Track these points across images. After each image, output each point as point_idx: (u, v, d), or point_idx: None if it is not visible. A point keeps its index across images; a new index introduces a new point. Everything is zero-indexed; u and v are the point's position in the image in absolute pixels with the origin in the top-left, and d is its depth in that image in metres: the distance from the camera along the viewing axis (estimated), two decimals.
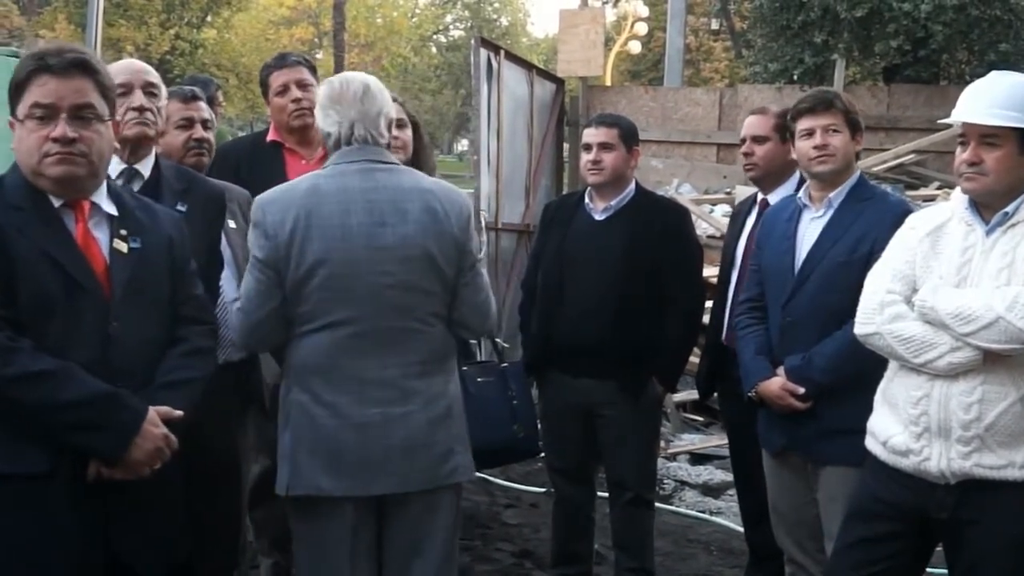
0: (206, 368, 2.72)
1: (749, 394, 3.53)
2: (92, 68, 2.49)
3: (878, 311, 2.83)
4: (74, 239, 2.45)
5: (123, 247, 2.51)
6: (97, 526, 2.43)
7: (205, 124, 3.64)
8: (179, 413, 2.53)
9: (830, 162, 3.44)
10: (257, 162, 4.15)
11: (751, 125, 4.10)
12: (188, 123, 3.58)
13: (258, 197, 2.94)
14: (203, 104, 3.65)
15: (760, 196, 4.10)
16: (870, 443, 2.93)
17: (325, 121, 2.95)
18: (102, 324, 2.44)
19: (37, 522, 2.34)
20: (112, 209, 2.56)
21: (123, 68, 3.20)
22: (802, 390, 3.34)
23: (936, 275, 2.77)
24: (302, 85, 4.20)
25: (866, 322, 2.86)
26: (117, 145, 2.89)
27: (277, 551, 4.21)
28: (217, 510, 3.33)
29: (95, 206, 2.53)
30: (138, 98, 3.13)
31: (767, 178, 4.06)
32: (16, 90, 2.43)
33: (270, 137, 4.31)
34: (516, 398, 4.03)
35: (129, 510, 2.48)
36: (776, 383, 3.41)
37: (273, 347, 2.94)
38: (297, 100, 4.17)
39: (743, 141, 4.13)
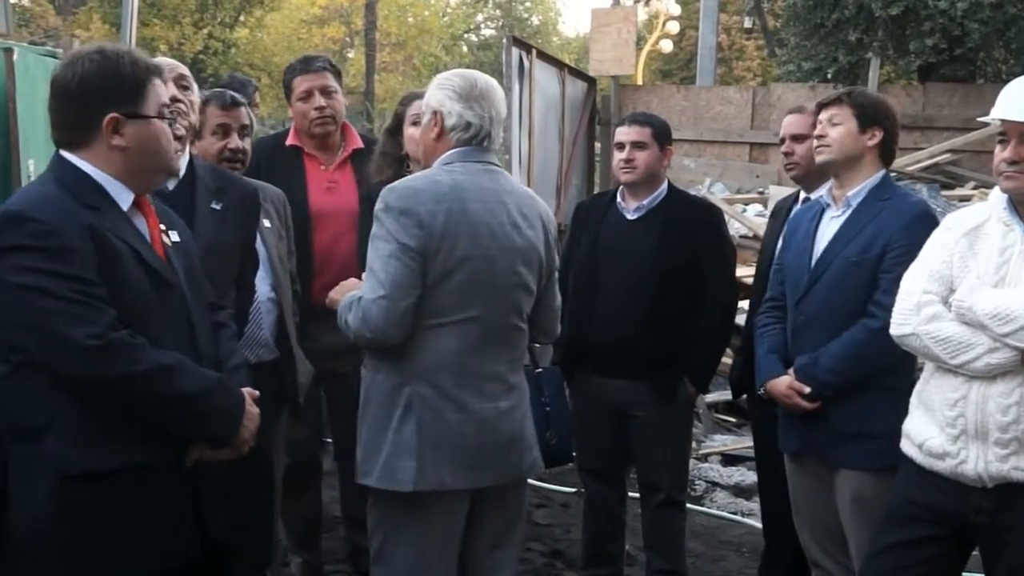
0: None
1: (759, 392, 3.54)
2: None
3: (914, 312, 2.79)
4: (146, 235, 2.50)
5: (168, 240, 2.58)
6: (193, 510, 2.51)
7: (243, 131, 3.55)
8: (257, 392, 2.67)
9: (824, 152, 3.42)
10: (276, 165, 4.07)
11: (790, 124, 4.05)
12: (224, 131, 3.50)
13: (395, 186, 2.89)
14: (243, 111, 3.56)
15: (803, 195, 4.05)
16: (905, 445, 2.89)
17: (467, 112, 2.94)
18: (187, 315, 2.53)
19: (144, 513, 2.39)
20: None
21: None
22: (807, 389, 3.33)
23: (974, 275, 2.73)
24: (326, 92, 4.12)
25: (902, 323, 2.83)
26: None
27: (304, 549, 4.23)
28: (252, 508, 3.36)
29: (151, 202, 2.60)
30: (170, 88, 3.14)
31: (809, 176, 3.98)
32: (138, 87, 2.44)
33: (290, 141, 4.22)
34: (550, 404, 3.99)
35: (216, 489, 2.58)
36: (783, 381, 3.40)
37: (405, 338, 2.85)
38: (320, 108, 4.09)
39: (782, 141, 4.09)
